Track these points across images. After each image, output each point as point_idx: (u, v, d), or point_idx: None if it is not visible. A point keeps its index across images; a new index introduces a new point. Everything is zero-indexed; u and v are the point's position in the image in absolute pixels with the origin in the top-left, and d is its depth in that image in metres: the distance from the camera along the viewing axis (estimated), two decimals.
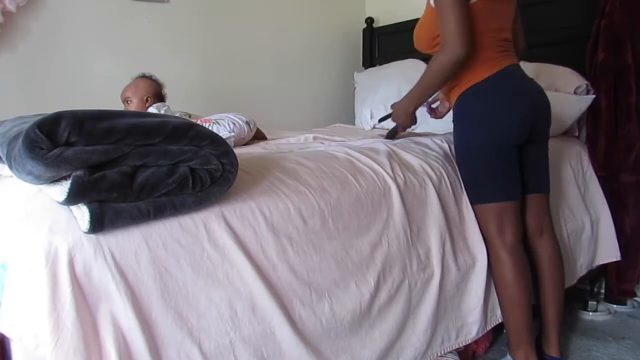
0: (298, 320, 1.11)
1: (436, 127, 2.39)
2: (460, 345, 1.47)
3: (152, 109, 1.98)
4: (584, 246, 1.93)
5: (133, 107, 2.13)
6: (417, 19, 3.12)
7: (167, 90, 2.26)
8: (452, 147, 1.59)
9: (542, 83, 2.15)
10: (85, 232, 0.88)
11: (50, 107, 0.97)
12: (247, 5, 2.91)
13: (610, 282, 2.13)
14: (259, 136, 2.06)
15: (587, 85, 2.04)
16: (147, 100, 2.13)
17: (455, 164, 1.56)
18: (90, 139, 0.83)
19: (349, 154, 1.44)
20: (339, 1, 3.32)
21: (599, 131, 2.01)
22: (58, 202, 0.87)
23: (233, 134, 1.80)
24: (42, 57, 2.31)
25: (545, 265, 1.58)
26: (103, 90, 2.34)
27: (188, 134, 0.94)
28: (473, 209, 1.50)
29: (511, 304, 1.47)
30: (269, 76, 3.04)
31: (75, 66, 2.39)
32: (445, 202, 1.46)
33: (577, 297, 2.18)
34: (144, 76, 2.21)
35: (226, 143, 1.01)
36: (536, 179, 1.55)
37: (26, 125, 0.81)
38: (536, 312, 1.88)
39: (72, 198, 0.84)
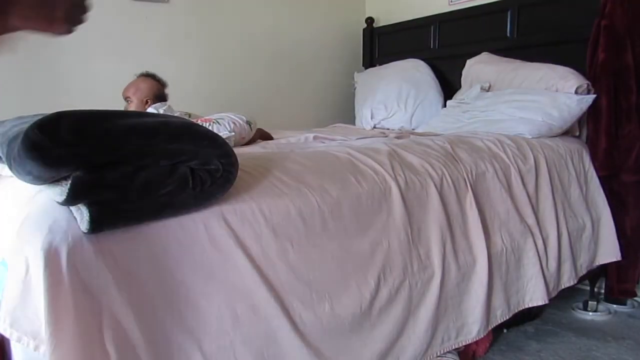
0: (298, 320, 1.10)
1: (437, 127, 2.39)
2: (461, 345, 1.47)
3: (151, 109, 1.98)
4: (584, 246, 1.93)
5: (132, 107, 2.13)
6: (417, 19, 3.15)
7: (167, 90, 2.26)
8: (454, 147, 1.59)
9: (542, 83, 2.17)
10: (85, 233, 0.88)
11: (50, 107, 0.96)
12: (247, 6, 2.91)
13: (610, 282, 2.13)
14: (265, 136, 2.06)
15: (587, 85, 2.04)
16: (146, 102, 2.13)
17: (458, 163, 1.55)
18: (90, 139, 0.83)
19: (349, 154, 1.43)
20: (339, 1, 3.32)
21: (599, 131, 2.01)
22: (58, 202, 0.87)
23: (233, 133, 1.79)
24: (42, 57, 2.31)
25: None
26: (103, 90, 2.34)
27: (188, 133, 0.94)
28: None
29: None
30: (268, 76, 3.04)
31: (75, 66, 2.39)
32: (447, 201, 1.46)
33: (577, 297, 2.18)
34: (147, 75, 2.20)
35: (226, 143, 1.01)
36: None
37: (26, 126, 0.81)
38: (534, 313, 1.88)
39: (72, 199, 0.84)
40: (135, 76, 2.19)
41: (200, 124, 1.06)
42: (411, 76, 2.86)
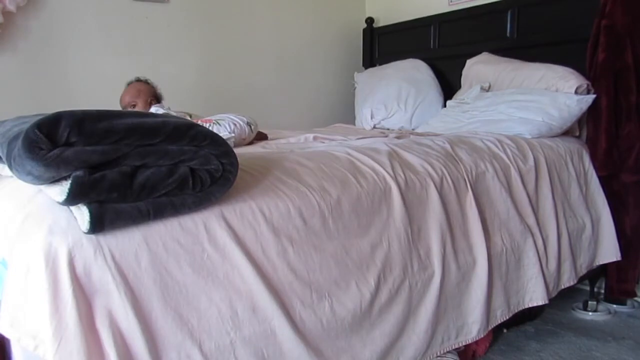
0: (298, 320, 1.10)
1: (437, 127, 2.39)
2: (461, 345, 1.47)
3: (154, 109, 1.98)
4: (584, 246, 1.93)
5: (139, 109, 2.13)
6: (417, 19, 3.15)
7: (167, 90, 2.26)
8: (454, 147, 1.59)
9: (542, 83, 2.17)
10: (85, 233, 0.88)
11: (50, 107, 0.96)
12: (247, 6, 2.91)
13: (610, 282, 2.13)
14: (260, 136, 2.06)
15: (587, 85, 2.04)
16: (150, 103, 2.14)
17: (458, 163, 1.55)
18: (90, 139, 0.83)
19: (349, 154, 1.43)
20: (339, 1, 3.32)
21: (599, 131, 2.01)
22: (58, 202, 0.87)
23: (233, 134, 1.79)
24: (42, 57, 2.31)
25: None
26: (103, 90, 2.34)
27: (188, 133, 0.94)
28: None
29: None
30: (269, 76, 3.05)
31: (76, 66, 2.39)
32: (447, 201, 1.46)
33: (577, 297, 2.18)
34: (139, 80, 2.22)
35: (226, 143, 1.01)
36: None
37: (26, 126, 0.81)
38: (534, 313, 1.88)
39: (72, 198, 0.84)
40: (126, 84, 2.20)
41: (201, 124, 1.06)
42: (411, 76, 2.86)
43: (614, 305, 2.16)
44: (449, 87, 2.81)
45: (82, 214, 0.87)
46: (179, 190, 0.95)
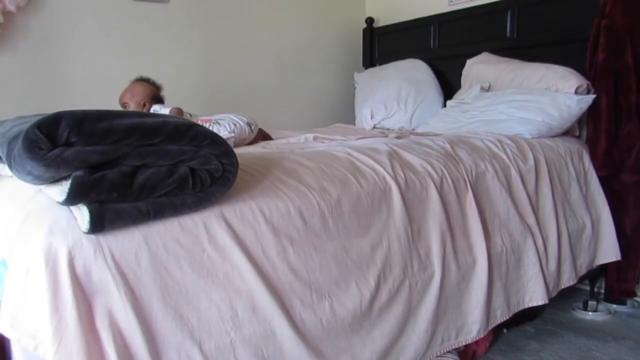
0: (298, 320, 1.10)
1: (437, 127, 2.39)
2: (461, 345, 1.47)
3: (154, 109, 1.98)
4: (584, 246, 1.93)
5: None
6: (417, 19, 3.15)
7: (167, 90, 2.26)
8: (454, 147, 1.59)
9: (542, 83, 2.17)
10: (85, 233, 0.88)
11: (50, 107, 0.96)
12: (247, 6, 2.91)
13: (610, 282, 2.13)
14: (264, 136, 2.06)
15: (587, 85, 2.04)
16: (144, 105, 2.12)
17: (458, 163, 1.55)
18: (90, 139, 0.83)
19: (349, 154, 1.43)
20: (339, 1, 3.32)
21: (599, 131, 2.01)
22: (58, 202, 0.87)
23: (233, 134, 1.80)
24: (42, 57, 2.31)
25: None
26: (103, 90, 2.34)
27: (188, 133, 0.94)
28: None
29: None
30: (269, 76, 3.05)
31: (76, 66, 2.39)
32: (447, 201, 1.46)
33: (577, 297, 2.18)
34: (141, 79, 2.20)
35: (226, 143, 1.01)
36: None
37: (26, 126, 0.81)
38: (534, 313, 1.88)
39: (72, 198, 0.84)
40: (130, 81, 2.19)
41: (201, 124, 1.06)
42: (411, 76, 2.86)
43: (614, 305, 2.16)
44: (449, 87, 2.81)
45: (82, 214, 0.87)
46: (179, 190, 0.95)
